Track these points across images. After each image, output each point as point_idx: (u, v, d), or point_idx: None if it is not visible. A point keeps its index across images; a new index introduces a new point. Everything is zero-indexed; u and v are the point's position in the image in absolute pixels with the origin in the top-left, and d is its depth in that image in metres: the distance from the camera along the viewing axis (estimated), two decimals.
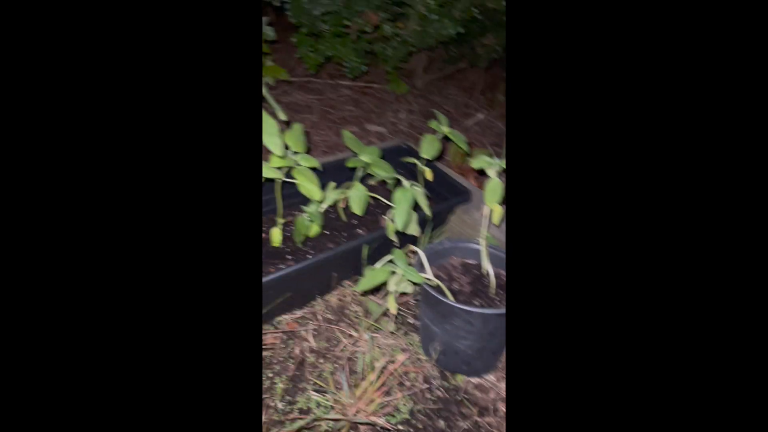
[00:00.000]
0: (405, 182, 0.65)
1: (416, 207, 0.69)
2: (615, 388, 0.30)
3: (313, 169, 0.67)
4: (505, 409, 0.64)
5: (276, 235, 0.73)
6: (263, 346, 0.69)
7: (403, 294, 0.76)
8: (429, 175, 0.80)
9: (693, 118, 0.31)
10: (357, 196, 0.71)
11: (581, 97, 0.32)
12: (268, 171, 0.60)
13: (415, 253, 0.68)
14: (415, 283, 0.60)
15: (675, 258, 0.30)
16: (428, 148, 0.72)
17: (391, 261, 0.61)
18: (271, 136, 0.51)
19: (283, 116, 0.56)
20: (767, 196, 0.29)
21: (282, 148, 0.51)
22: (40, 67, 0.29)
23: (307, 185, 0.63)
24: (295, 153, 0.67)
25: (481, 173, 0.65)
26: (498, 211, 0.63)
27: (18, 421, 0.28)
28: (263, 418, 0.59)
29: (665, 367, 0.30)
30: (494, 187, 0.61)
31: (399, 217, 0.61)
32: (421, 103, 1.59)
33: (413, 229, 0.71)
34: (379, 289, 0.78)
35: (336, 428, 0.58)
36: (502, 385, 0.68)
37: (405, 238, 0.75)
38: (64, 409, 0.28)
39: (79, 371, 0.29)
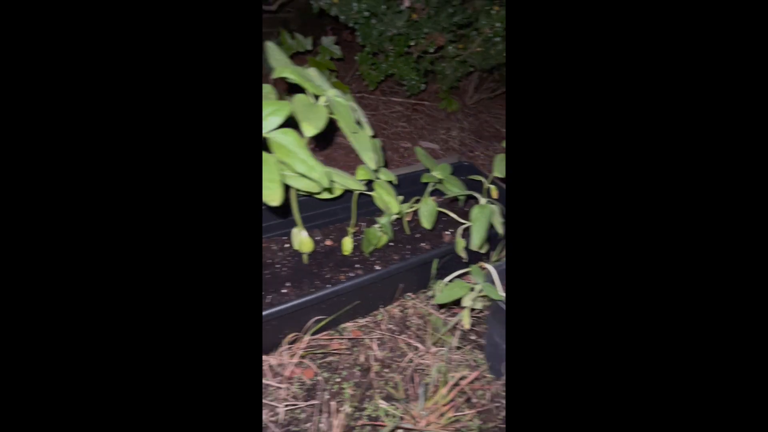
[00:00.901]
0: (482, 199, 0.66)
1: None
2: (614, 394, 0.31)
3: (388, 182, 0.70)
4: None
5: (348, 245, 0.76)
6: (330, 351, 0.71)
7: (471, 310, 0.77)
8: (495, 193, 0.81)
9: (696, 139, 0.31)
10: (427, 211, 0.73)
11: (580, 103, 0.33)
12: (353, 183, 0.63)
13: (484, 269, 0.69)
14: (489, 300, 0.61)
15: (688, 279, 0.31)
16: (500, 166, 0.73)
17: (459, 277, 0.62)
18: (366, 150, 0.54)
19: (370, 132, 0.59)
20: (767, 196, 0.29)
21: (375, 162, 0.54)
22: (36, 63, 0.29)
23: (387, 198, 0.65)
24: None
25: None
26: None
27: (17, 422, 0.28)
28: (335, 421, 0.61)
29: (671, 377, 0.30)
30: None
31: (477, 234, 0.62)
32: (471, 121, 1.61)
33: (483, 247, 0.72)
34: (443, 304, 0.79)
35: None
36: None
37: (472, 255, 0.76)
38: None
39: (79, 375, 0.29)
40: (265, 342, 0.66)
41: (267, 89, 0.53)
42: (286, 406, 0.62)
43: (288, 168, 0.45)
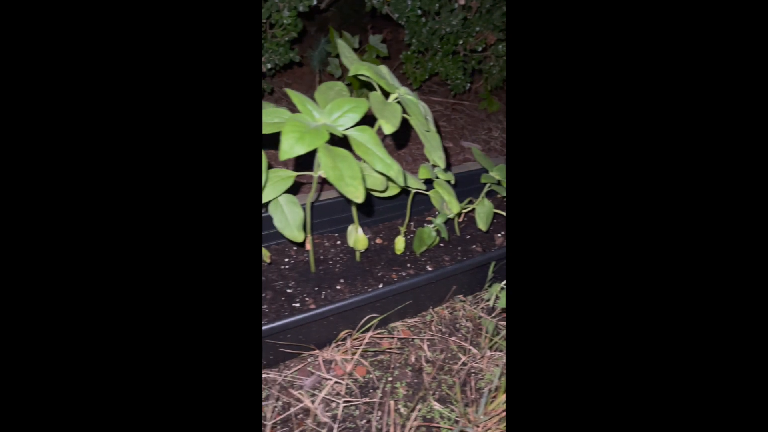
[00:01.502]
0: None
1: None
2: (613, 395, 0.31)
3: (447, 182, 0.70)
4: None
5: (400, 244, 0.76)
6: (381, 350, 0.71)
7: None
8: None
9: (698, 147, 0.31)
10: (484, 212, 0.72)
11: (581, 103, 0.33)
12: (415, 182, 0.63)
13: None
14: None
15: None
16: None
17: None
18: (436, 149, 0.53)
19: (433, 129, 0.58)
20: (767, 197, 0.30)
21: (445, 161, 0.53)
22: (35, 64, 0.29)
23: (448, 197, 0.64)
24: (434, 166, 0.69)
25: None
26: None
27: (16, 422, 0.27)
28: (389, 418, 0.61)
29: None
30: None
31: None
32: None
33: None
34: (494, 308, 0.78)
35: None
36: None
37: None
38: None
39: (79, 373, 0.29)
40: (319, 337, 0.67)
41: (339, 86, 0.54)
42: (344, 401, 0.62)
43: (366, 166, 0.45)
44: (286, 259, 0.75)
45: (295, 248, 0.77)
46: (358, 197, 0.41)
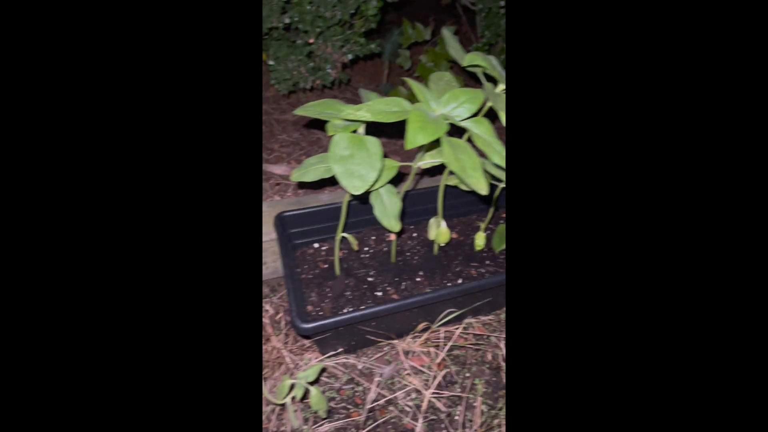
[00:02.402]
0: None
1: None
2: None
3: None
4: None
5: (480, 240, 0.75)
6: (457, 345, 0.70)
7: None
8: None
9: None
10: None
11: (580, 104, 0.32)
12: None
13: None
14: None
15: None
16: None
17: None
18: None
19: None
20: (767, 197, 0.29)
21: None
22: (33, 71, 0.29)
23: None
24: None
25: None
26: None
27: (16, 422, 0.27)
28: (472, 415, 0.60)
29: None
30: None
31: None
32: None
33: None
34: None
35: None
36: None
37: None
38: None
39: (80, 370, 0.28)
40: (400, 327, 0.67)
41: (447, 77, 0.53)
42: (434, 394, 0.62)
43: (487, 158, 0.45)
44: (366, 248, 0.76)
45: (373, 238, 0.78)
46: (482, 188, 0.41)
